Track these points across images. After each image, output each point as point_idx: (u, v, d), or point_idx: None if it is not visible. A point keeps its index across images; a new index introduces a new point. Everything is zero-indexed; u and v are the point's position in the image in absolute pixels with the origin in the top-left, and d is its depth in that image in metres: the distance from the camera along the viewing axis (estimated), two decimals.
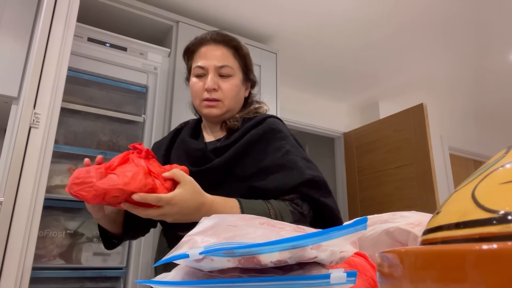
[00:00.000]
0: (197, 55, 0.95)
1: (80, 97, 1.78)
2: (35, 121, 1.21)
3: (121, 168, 0.68)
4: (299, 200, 0.82)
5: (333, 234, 0.29)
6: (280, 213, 0.78)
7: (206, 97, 0.91)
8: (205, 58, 0.93)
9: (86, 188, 0.65)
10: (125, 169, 0.68)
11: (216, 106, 0.92)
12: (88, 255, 1.60)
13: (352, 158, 3.35)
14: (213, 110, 0.92)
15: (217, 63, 0.92)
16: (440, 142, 3.73)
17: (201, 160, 0.87)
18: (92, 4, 1.88)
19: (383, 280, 0.24)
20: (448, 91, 3.32)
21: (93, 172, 0.67)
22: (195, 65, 0.94)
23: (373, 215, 0.56)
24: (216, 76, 0.92)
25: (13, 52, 1.50)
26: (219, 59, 0.92)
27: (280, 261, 0.31)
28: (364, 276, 0.44)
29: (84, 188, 0.65)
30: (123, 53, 1.86)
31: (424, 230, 0.26)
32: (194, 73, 0.94)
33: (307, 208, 0.83)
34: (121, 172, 0.67)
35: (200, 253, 0.31)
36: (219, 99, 0.91)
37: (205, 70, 0.92)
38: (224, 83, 0.92)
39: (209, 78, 0.91)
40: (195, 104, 0.96)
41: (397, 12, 2.24)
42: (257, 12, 2.24)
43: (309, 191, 0.82)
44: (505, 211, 0.19)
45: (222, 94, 0.92)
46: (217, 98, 0.91)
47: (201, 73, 0.93)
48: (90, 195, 0.65)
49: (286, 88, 3.08)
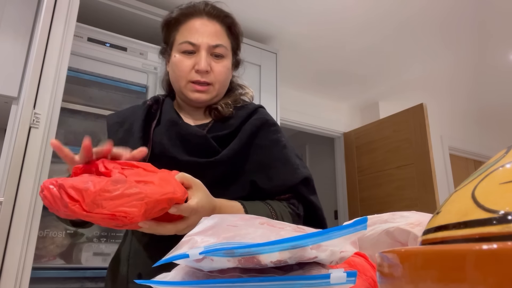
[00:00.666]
0: (186, 27, 0.82)
1: (80, 97, 1.78)
2: (35, 121, 1.21)
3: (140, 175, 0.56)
4: (295, 200, 0.80)
5: (333, 234, 0.29)
6: (281, 215, 0.75)
7: (196, 79, 0.80)
8: (196, 34, 0.80)
9: (134, 201, 0.51)
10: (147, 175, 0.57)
11: (207, 91, 0.81)
12: (88, 255, 1.60)
13: (352, 158, 3.35)
14: (202, 95, 0.81)
15: (211, 42, 0.81)
16: (440, 142, 3.73)
17: (203, 149, 0.77)
18: (92, 4, 1.88)
19: (383, 280, 0.24)
20: (448, 91, 3.32)
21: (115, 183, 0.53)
22: (184, 40, 0.81)
23: (373, 215, 0.56)
24: (208, 56, 0.81)
25: (13, 52, 1.50)
26: (213, 37, 0.81)
27: (280, 261, 0.31)
28: (364, 276, 0.44)
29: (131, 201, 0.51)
30: (123, 53, 1.86)
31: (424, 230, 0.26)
32: (181, 48, 0.81)
33: (302, 209, 0.81)
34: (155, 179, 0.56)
35: (200, 253, 0.31)
36: (210, 83, 0.81)
37: (196, 47, 0.80)
38: (216, 64, 0.82)
39: (202, 58, 0.79)
40: (179, 85, 0.82)
41: (397, 12, 2.24)
42: (257, 12, 2.24)
43: (303, 190, 0.80)
44: (505, 211, 0.19)
45: (214, 77, 0.81)
46: (208, 82, 0.80)
47: (190, 50, 0.80)
48: (142, 210, 0.51)
49: (286, 88, 3.08)
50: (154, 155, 0.78)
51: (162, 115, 0.84)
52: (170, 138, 0.79)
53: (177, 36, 0.83)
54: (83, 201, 0.51)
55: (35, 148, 1.20)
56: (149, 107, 0.85)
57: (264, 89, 2.31)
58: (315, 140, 3.97)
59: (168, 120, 0.81)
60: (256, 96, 2.27)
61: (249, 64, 2.53)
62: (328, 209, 3.70)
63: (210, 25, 0.82)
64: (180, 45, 0.81)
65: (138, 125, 0.81)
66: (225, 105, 0.84)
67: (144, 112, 0.84)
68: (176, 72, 0.82)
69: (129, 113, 0.87)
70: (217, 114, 0.84)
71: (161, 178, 0.56)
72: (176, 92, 0.87)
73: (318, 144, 3.99)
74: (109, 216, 0.51)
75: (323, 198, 4.25)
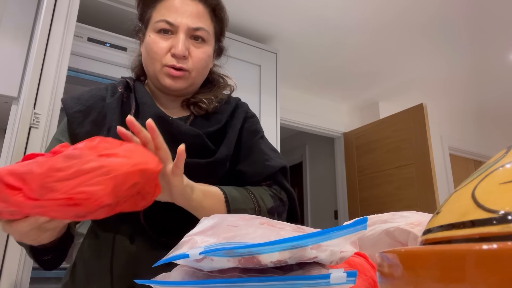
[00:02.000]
0: (164, 4, 0.73)
1: None
2: (35, 121, 1.21)
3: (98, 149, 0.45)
4: (277, 186, 0.76)
5: (333, 234, 0.29)
6: (261, 198, 0.70)
7: (171, 63, 0.71)
8: (176, 13, 0.72)
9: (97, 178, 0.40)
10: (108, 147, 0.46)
11: (182, 77, 0.72)
12: None
13: (352, 158, 3.35)
14: (177, 83, 0.72)
15: (191, 24, 0.72)
16: (440, 142, 3.73)
17: (198, 149, 0.70)
18: (92, 4, 1.88)
19: (383, 280, 0.24)
20: (448, 91, 3.32)
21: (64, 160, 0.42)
22: (160, 18, 0.72)
23: (373, 215, 0.56)
24: (187, 39, 0.72)
25: (13, 52, 1.50)
26: (194, 19, 0.72)
27: (280, 261, 0.31)
28: (364, 276, 0.44)
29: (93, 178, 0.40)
30: (123, 53, 1.86)
31: (424, 230, 0.26)
32: (157, 27, 0.72)
33: (285, 196, 0.76)
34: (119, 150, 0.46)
35: (200, 253, 0.31)
36: (187, 69, 0.72)
37: (174, 28, 0.71)
38: (195, 50, 0.73)
39: (180, 41, 0.70)
40: (153, 69, 0.73)
41: (397, 12, 2.24)
42: (257, 12, 2.24)
43: (283, 179, 0.77)
44: (505, 211, 0.19)
45: (192, 63, 0.72)
46: (184, 68, 0.71)
47: (167, 29, 0.72)
48: (109, 187, 0.41)
49: (286, 88, 3.08)
50: None
51: (140, 105, 0.74)
52: None
53: (153, 13, 0.74)
54: (28, 188, 0.39)
55: (35, 148, 1.20)
56: (122, 95, 0.75)
57: (264, 89, 2.31)
58: (315, 140, 3.97)
59: (154, 115, 0.70)
60: (256, 96, 2.27)
61: (249, 64, 2.53)
62: (328, 209, 3.70)
63: (191, 5, 0.73)
64: (156, 23, 0.72)
65: (115, 119, 0.69)
66: (208, 101, 0.77)
67: (118, 101, 0.73)
68: (150, 53, 0.72)
69: (93, 100, 0.74)
70: (199, 110, 0.77)
71: (127, 149, 0.46)
72: (149, 77, 0.77)
73: (318, 144, 3.99)
74: (66, 201, 0.39)
75: (323, 198, 4.25)
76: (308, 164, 4.13)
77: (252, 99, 2.22)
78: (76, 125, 0.71)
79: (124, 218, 0.66)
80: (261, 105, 2.25)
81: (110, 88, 0.77)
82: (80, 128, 0.70)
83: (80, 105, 0.72)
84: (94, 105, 0.73)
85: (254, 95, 2.27)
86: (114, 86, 0.77)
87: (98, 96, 0.74)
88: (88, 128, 0.70)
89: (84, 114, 0.71)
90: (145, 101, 0.73)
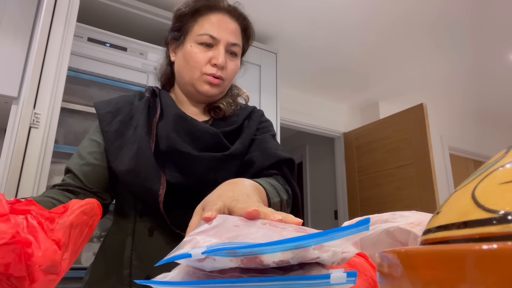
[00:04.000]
0: (206, 20, 0.82)
1: (80, 97, 1.78)
2: (35, 121, 1.21)
3: None
4: (281, 178, 0.77)
5: (336, 234, 0.29)
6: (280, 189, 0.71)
7: (211, 72, 0.79)
8: (218, 28, 0.81)
9: None
10: None
11: (218, 85, 0.81)
12: (88, 255, 1.60)
13: (352, 158, 3.35)
14: (214, 89, 0.81)
15: (231, 40, 0.82)
16: (440, 142, 3.73)
17: (214, 146, 0.76)
18: (92, 4, 1.88)
19: (383, 280, 0.24)
20: (448, 91, 3.32)
21: None
22: (204, 32, 0.80)
23: (373, 215, 0.56)
24: (225, 52, 0.82)
25: (13, 52, 1.50)
26: (232, 35, 0.82)
27: (283, 261, 0.31)
28: (364, 276, 0.44)
29: None
30: (123, 53, 1.86)
31: (424, 230, 0.27)
32: (199, 40, 0.80)
33: (289, 189, 0.77)
34: None
35: (203, 252, 0.31)
36: (224, 78, 0.82)
37: (216, 41, 0.80)
38: (230, 62, 0.83)
39: (220, 53, 0.79)
40: (191, 76, 0.81)
41: (397, 12, 2.24)
42: (257, 12, 2.24)
43: (288, 172, 0.79)
44: (505, 211, 0.19)
45: (226, 73, 0.82)
46: (222, 77, 0.81)
47: (209, 43, 0.80)
48: None
49: (286, 88, 3.08)
50: (160, 151, 0.75)
51: (164, 109, 0.81)
52: (179, 134, 0.76)
53: (195, 26, 0.82)
54: None
55: (35, 148, 1.20)
56: (147, 100, 0.82)
57: (264, 89, 2.31)
58: (315, 140, 3.97)
59: (176, 115, 0.78)
60: (256, 96, 2.27)
61: (249, 64, 2.52)
62: (328, 209, 3.70)
63: (231, 23, 0.83)
64: (199, 36, 0.80)
65: (142, 119, 0.77)
66: (227, 104, 0.86)
67: (145, 105, 0.80)
68: (190, 62, 0.80)
69: (122, 103, 0.82)
70: (219, 112, 0.85)
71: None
72: (183, 83, 0.84)
73: (318, 144, 4.00)
74: None
75: (323, 198, 4.24)
76: (308, 164, 4.13)
77: (252, 99, 2.21)
78: (106, 124, 0.78)
79: (143, 210, 0.74)
80: (261, 105, 2.25)
81: (138, 94, 0.86)
82: (108, 126, 0.78)
83: (110, 107, 0.81)
84: (122, 107, 0.81)
85: (254, 95, 2.27)
86: (142, 92, 0.86)
87: (126, 100, 0.83)
88: (116, 127, 0.77)
89: (113, 115, 0.79)
90: (168, 104, 0.82)
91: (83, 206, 0.47)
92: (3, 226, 0.37)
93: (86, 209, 0.47)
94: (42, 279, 0.39)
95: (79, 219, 0.46)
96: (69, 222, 0.45)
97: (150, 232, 0.72)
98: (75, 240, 0.46)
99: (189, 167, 0.73)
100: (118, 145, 0.75)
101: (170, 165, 0.73)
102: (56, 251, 0.41)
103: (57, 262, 0.41)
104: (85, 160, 0.75)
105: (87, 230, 0.48)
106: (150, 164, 0.70)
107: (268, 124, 0.89)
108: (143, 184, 0.70)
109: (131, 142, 0.74)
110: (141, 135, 0.74)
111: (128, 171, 0.71)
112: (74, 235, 0.45)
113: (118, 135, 0.76)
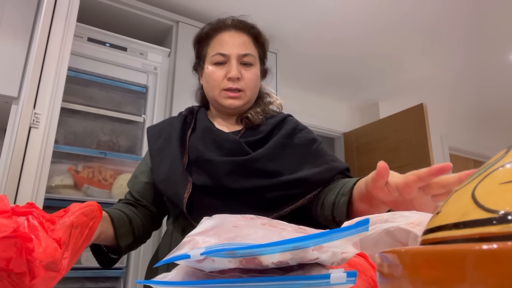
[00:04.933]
0: (216, 41, 0.89)
1: (80, 97, 1.78)
2: (35, 121, 1.21)
3: None
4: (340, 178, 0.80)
5: (335, 235, 0.29)
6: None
7: (228, 86, 0.86)
8: (226, 45, 0.87)
9: None
10: None
11: (239, 97, 0.87)
12: (88, 255, 1.60)
13: (352, 158, 3.35)
14: (235, 101, 0.87)
15: (240, 51, 0.87)
16: (440, 142, 3.73)
17: (236, 153, 0.82)
18: (92, 4, 1.88)
19: (383, 280, 0.24)
20: (448, 91, 3.32)
21: None
22: (215, 52, 0.87)
23: (373, 215, 0.56)
24: (238, 64, 0.87)
25: (13, 52, 1.50)
26: (242, 47, 0.88)
27: (282, 262, 0.31)
28: (364, 276, 0.44)
29: None
30: (123, 53, 1.86)
31: (424, 230, 0.26)
32: (213, 60, 0.87)
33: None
34: None
35: (202, 253, 0.31)
36: (242, 89, 0.87)
37: (227, 58, 0.87)
38: (246, 72, 0.87)
39: (233, 66, 0.85)
40: (213, 94, 0.88)
41: (397, 12, 2.24)
42: (257, 12, 2.24)
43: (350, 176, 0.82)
44: (505, 211, 0.19)
45: (244, 83, 0.87)
46: (240, 88, 0.86)
47: (221, 60, 0.87)
48: None
49: (286, 88, 3.08)
50: (191, 161, 0.83)
51: (197, 123, 0.91)
52: (205, 144, 0.84)
53: (208, 50, 0.90)
54: None
55: (35, 148, 1.20)
56: (185, 117, 0.92)
57: None
58: None
59: (203, 127, 0.88)
60: None
61: None
62: None
63: (238, 37, 0.89)
64: (212, 57, 0.88)
65: (175, 134, 0.87)
66: (255, 113, 0.90)
67: (180, 121, 0.90)
68: (209, 82, 0.88)
69: (166, 124, 0.94)
70: (248, 122, 0.90)
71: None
72: (210, 101, 0.93)
73: None
74: None
75: None
76: None
77: None
78: (152, 143, 0.91)
79: (178, 214, 0.84)
80: None
81: (179, 114, 0.95)
82: (154, 145, 0.90)
83: (156, 129, 0.94)
84: (165, 127, 0.93)
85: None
86: (181, 112, 0.95)
87: (169, 121, 0.95)
88: (159, 145, 0.89)
89: (158, 135, 0.91)
90: (200, 118, 0.92)
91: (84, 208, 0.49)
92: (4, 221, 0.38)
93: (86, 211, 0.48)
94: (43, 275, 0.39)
95: (79, 220, 0.47)
96: (70, 222, 0.46)
97: (182, 231, 0.81)
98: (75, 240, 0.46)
99: (213, 172, 0.80)
100: (159, 160, 0.86)
101: (198, 171, 0.82)
102: (57, 248, 0.42)
103: (57, 259, 0.42)
104: (137, 179, 0.89)
105: (88, 232, 0.49)
106: (179, 172, 0.80)
107: (308, 131, 0.90)
108: (172, 190, 0.80)
109: (168, 155, 0.85)
110: (175, 148, 0.85)
111: (163, 180, 0.82)
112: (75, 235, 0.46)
113: (160, 151, 0.87)
